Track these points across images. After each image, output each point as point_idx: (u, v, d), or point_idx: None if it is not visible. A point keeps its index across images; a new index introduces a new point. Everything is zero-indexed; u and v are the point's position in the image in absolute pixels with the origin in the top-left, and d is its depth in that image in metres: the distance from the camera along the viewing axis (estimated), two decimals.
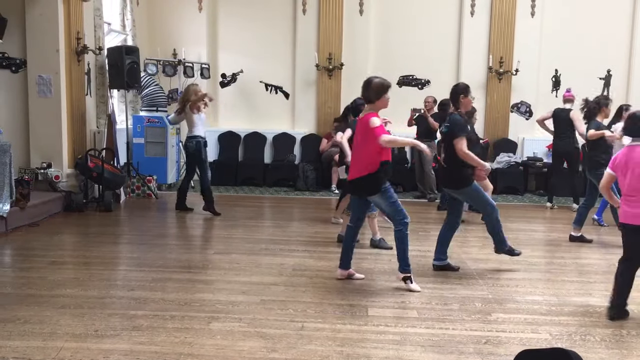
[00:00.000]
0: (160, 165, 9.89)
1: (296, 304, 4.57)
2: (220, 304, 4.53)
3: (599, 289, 5.17)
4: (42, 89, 8.24)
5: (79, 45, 8.54)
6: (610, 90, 10.87)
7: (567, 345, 3.85)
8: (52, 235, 6.75)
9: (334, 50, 10.98)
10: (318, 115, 11.24)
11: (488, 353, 3.73)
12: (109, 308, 4.39)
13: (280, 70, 11.23)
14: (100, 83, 9.35)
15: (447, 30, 11.11)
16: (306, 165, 10.54)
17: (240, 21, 11.27)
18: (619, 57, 10.95)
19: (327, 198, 9.89)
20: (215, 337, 3.88)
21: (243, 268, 5.57)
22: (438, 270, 5.57)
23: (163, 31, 11.20)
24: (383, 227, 6.83)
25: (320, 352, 3.69)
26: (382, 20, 11.16)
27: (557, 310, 4.58)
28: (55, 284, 4.93)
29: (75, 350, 3.62)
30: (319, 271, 5.49)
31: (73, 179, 8.53)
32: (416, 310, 4.48)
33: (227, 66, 11.17)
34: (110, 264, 5.69)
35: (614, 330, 4.19)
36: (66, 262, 5.77)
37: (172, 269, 5.45)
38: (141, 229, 7.42)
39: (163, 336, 3.87)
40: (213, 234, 7.28)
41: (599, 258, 6.15)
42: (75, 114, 8.62)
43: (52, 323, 4.05)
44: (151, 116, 10.01)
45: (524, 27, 10.86)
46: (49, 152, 8.33)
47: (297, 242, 6.66)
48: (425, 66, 11.02)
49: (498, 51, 10.85)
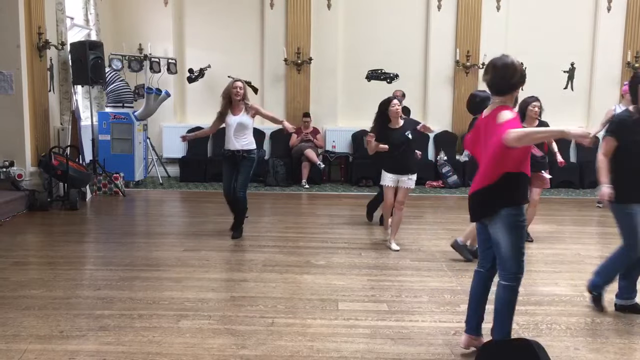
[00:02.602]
0: (127, 162, 9.73)
1: (266, 299, 4.55)
2: (189, 301, 4.48)
3: (564, 278, 5.27)
4: (2, 85, 8.03)
5: (41, 40, 8.33)
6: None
7: (533, 335, 3.92)
8: (15, 235, 6.59)
9: (303, 45, 10.94)
10: (287, 110, 11.19)
11: (457, 344, 3.76)
12: (74, 308, 4.30)
13: (249, 65, 11.14)
14: (63, 79, 9.15)
15: (415, 24, 11.18)
16: (276, 160, 10.50)
17: (207, 15, 11.14)
18: (583, 50, 11.17)
19: (298, 193, 9.87)
20: (184, 336, 3.84)
21: (213, 265, 5.53)
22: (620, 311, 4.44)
23: (128, 26, 11.01)
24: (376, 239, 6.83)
25: (290, 347, 3.68)
26: (350, 15, 11.16)
27: (524, 300, 4.64)
28: (19, 285, 4.81)
29: (40, 352, 3.54)
30: (289, 266, 5.47)
31: (37, 177, 8.34)
32: (386, 304, 4.50)
33: (194, 61, 11.04)
34: (76, 263, 5.58)
35: (579, 318, 4.27)
36: (30, 262, 5.64)
37: (140, 267, 5.37)
38: (108, 227, 7.30)
39: (131, 336, 3.81)
40: (182, 231, 7.20)
41: (564, 248, 6.27)
42: (38, 111, 8.42)
43: (15, 325, 3.95)
44: (117, 112, 9.85)
45: (490, 21, 10.99)
46: (11, 150, 8.12)
47: (267, 238, 6.63)
48: (394, 60, 11.06)
49: (465, 45, 10.97)
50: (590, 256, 6.04)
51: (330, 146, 11.09)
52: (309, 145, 10.48)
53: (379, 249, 6.12)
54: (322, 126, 11.14)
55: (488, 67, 3.39)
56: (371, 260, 5.70)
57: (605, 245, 6.61)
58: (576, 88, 11.27)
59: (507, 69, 3.31)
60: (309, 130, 10.74)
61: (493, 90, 3.41)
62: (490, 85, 3.40)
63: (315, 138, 10.71)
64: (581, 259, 5.91)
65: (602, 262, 4.53)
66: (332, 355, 3.59)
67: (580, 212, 8.57)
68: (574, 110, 11.02)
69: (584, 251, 6.24)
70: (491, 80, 3.37)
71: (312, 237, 6.66)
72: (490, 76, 3.37)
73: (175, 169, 11.00)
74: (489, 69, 3.38)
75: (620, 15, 11.03)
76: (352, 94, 11.18)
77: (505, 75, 3.32)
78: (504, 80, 3.33)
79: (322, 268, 5.44)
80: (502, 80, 3.34)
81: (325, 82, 11.16)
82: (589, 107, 11.33)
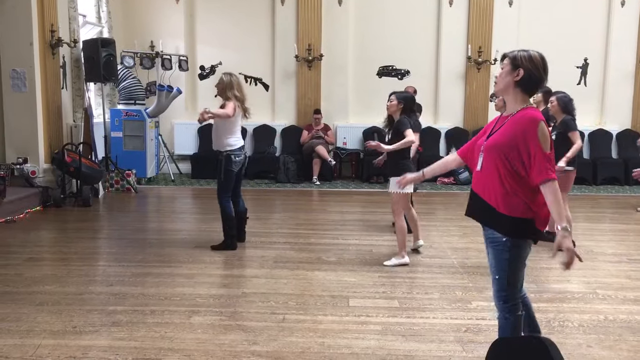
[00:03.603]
0: (139, 159, 9.78)
1: (277, 296, 4.56)
2: (200, 297, 4.50)
3: (576, 275, 5.23)
4: (16, 83, 8.10)
5: (54, 38, 8.39)
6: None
7: (545, 332, 3.90)
8: (28, 231, 6.65)
9: (314, 42, 10.93)
10: (298, 107, 11.20)
11: (468, 341, 3.76)
12: (87, 304, 4.33)
13: (260, 62, 11.15)
14: (76, 76, 9.21)
15: (426, 20, 11.12)
16: (287, 157, 10.50)
17: (218, 12, 11.16)
18: (596, 45, 11.07)
19: (309, 190, 9.88)
20: (196, 331, 3.85)
21: (224, 261, 5.55)
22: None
23: (140, 23, 11.06)
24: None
25: (301, 343, 3.69)
26: (361, 11, 11.13)
27: (536, 297, 4.62)
28: (33, 280, 4.86)
29: (53, 348, 3.57)
30: (300, 263, 5.48)
31: (50, 174, 8.41)
32: (397, 300, 4.50)
33: (205, 58, 11.06)
34: (89, 259, 5.62)
35: (591, 315, 4.24)
36: (44, 258, 5.70)
37: (152, 264, 5.40)
38: (120, 223, 7.34)
39: (143, 331, 3.84)
40: (194, 227, 7.23)
41: (576, 245, 6.21)
42: (51, 108, 8.48)
43: (29, 320, 3.99)
44: (129, 109, 9.90)
45: (503, 17, 10.92)
46: (25, 148, 8.21)
47: (278, 234, 6.64)
48: (405, 56, 11.02)
49: (477, 41, 10.90)
50: (603, 253, 6.00)
51: (341, 143, 11.08)
52: (320, 142, 10.48)
53: (389, 246, 6.11)
54: (333, 123, 11.14)
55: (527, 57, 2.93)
56: (382, 257, 5.68)
57: (619, 242, 6.58)
58: (589, 84, 11.17)
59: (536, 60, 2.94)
60: (320, 126, 10.73)
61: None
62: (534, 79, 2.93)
63: (326, 135, 10.71)
64: (594, 256, 5.87)
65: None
66: (343, 351, 3.59)
67: (593, 209, 8.51)
68: (587, 106, 10.89)
69: (597, 248, 6.20)
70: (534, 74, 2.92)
71: (323, 234, 6.67)
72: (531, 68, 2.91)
73: (186, 165, 11.04)
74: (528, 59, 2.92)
75: (634, 10, 10.92)
76: (363, 91, 11.16)
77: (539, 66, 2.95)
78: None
79: (333, 265, 5.45)
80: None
81: (336, 78, 11.15)
82: (602, 103, 11.24)
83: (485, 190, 2.95)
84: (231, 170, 5.83)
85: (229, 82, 5.86)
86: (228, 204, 5.90)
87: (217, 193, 5.92)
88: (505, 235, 2.89)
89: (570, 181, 6.11)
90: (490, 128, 3.06)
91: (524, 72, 2.88)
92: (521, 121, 2.86)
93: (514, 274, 2.94)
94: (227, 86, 5.84)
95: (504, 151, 2.86)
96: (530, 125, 2.82)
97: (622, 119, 11.18)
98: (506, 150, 2.86)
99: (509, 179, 2.86)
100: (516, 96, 2.94)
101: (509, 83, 2.92)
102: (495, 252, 2.95)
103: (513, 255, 2.90)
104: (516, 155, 2.83)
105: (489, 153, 2.94)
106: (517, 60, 2.92)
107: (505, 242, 2.89)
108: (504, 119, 2.99)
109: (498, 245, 2.92)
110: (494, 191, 2.91)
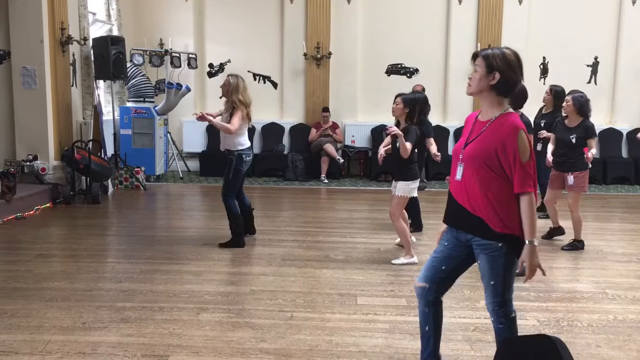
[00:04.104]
0: (148, 156, 9.82)
1: (285, 293, 4.56)
2: (209, 294, 4.51)
3: (586, 275, 5.22)
4: (26, 80, 8.14)
5: (64, 35, 8.43)
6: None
7: (554, 331, 3.88)
8: (38, 228, 6.70)
9: (322, 40, 10.92)
10: (307, 105, 11.19)
11: (476, 340, 3.75)
12: (96, 300, 4.36)
13: (269, 60, 11.16)
14: (85, 74, 9.26)
15: (435, 18, 11.08)
16: (295, 155, 10.51)
17: (227, 10, 11.18)
18: (607, 44, 10.99)
19: (317, 188, 9.88)
20: (204, 328, 3.87)
21: (232, 259, 5.56)
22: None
23: (149, 21, 11.09)
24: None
25: (309, 341, 3.69)
26: (370, 9, 11.10)
27: (545, 296, 4.61)
28: (42, 276, 4.89)
29: (63, 343, 3.59)
30: (308, 261, 5.48)
31: (60, 171, 8.46)
32: (405, 299, 4.49)
33: (214, 56, 11.09)
34: (98, 256, 5.66)
35: (601, 315, 4.22)
36: (53, 254, 5.73)
37: (161, 261, 5.42)
38: (129, 220, 7.38)
39: (151, 328, 3.86)
40: (202, 224, 7.25)
41: (586, 244, 6.17)
42: (61, 106, 8.53)
43: (39, 316, 4.02)
44: (138, 107, 9.94)
45: (512, 14, 10.85)
46: (35, 144, 8.25)
47: (286, 232, 6.65)
48: (414, 54, 11.00)
49: (486, 39, 10.83)
50: (613, 253, 5.97)
51: (350, 141, 11.07)
52: (328, 140, 10.47)
53: (400, 245, 6.10)
54: (341, 121, 11.13)
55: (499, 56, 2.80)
56: (390, 255, 5.68)
57: (629, 242, 6.54)
58: (600, 82, 11.09)
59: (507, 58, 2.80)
60: (328, 125, 10.73)
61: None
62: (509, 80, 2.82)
63: (335, 133, 10.70)
64: (603, 256, 5.84)
65: None
66: (350, 349, 3.59)
67: (603, 208, 8.46)
68: (598, 105, 10.74)
69: (607, 248, 6.16)
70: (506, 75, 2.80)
71: (331, 232, 6.67)
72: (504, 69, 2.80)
73: (195, 163, 11.07)
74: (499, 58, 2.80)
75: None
76: (372, 89, 11.14)
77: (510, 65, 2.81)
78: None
79: (341, 263, 5.45)
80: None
81: (345, 76, 11.14)
82: (613, 101, 11.16)
83: (471, 200, 2.84)
84: (241, 170, 5.86)
85: (235, 85, 5.80)
86: (233, 202, 5.92)
87: (223, 192, 5.91)
88: (501, 241, 2.80)
89: (587, 181, 6.06)
90: (468, 131, 2.92)
91: (500, 76, 2.74)
92: (501, 129, 2.74)
93: (510, 278, 2.87)
94: (232, 89, 5.80)
95: (485, 160, 2.76)
96: (510, 134, 2.70)
97: (632, 118, 11.09)
98: (487, 159, 2.76)
99: (492, 188, 2.76)
100: (492, 100, 2.80)
101: (483, 87, 2.78)
102: (490, 258, 2.84)
103: (509, 260, 2.83)
104: (497, 163, 2.74)
105: (469, 163, 2.82)
106: (492, 62, 2.75)
107: (501, 247, 2.81)
108: (481, 124, 2.84)
109: (494, 252, 2.82)
110: (477, 201, 2.81)
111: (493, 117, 2.80)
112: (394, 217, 5.44)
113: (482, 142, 2.79)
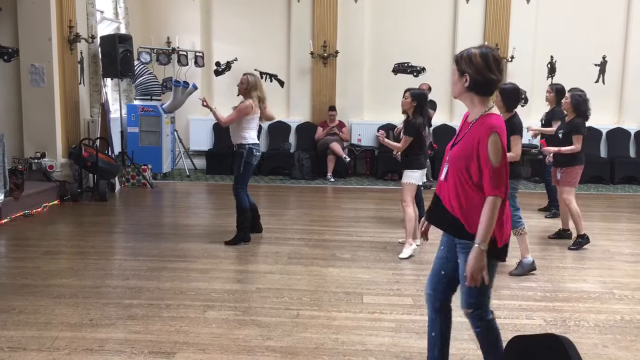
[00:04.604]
0: (155, 154, 9.86)
1: (291, 292, 4.57)
2: (215, 292, 4.53)
3: (593, 275, 5.20)
4: (34, 78, 8.18)
5: (72, 33, 8.47)
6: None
7: (561, 331, 3.87)
8: (46, 225, 6.73)
9: (329, 38, 10.92)
10: (313, 104, 11.20)
11: None
12: (104, 297, 4.38)
13: (275, 58, 11.16)
14: (93, 72, 9.29)
15: (442, 16, 11.06)
16: (301, 153, 10.51)
17: (234, 9, 11.19)
18: (615, 43, 10.93)
19: (323, 186, 9.88)
20: (210, 326, 3.88)
21: (238, 256, 5.58)
22: None
23: (156, 19, 11.13)
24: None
25: (315, 339, 3.70)
26: (376, 7, 11.09)
27: (552, 296, 4.60)
28: (50, 273, 4.92)
29: (70, 340, 3.61)
30: (314, 259, 5.49)
31: (67, 169, 8.50)
32: (411, 298, 4.49)
33: (221, 54, 11.10)
34: (105, 253, 5.69)
35: (608, 315, 4.21)
36: (61, 251, 5.76)
37: (168, 258, 5.44)
38: (136, 218, 7.41)
39: (158, 325, 3.87)
40: (209, 222, 7.27)
41: (593, 244, 6.15)
42: (69, 103, 8.57)
43: (46, 313, 4.04)
44: (145, 105, 9.97)
45: (520, 13, 10.82)
46: (43, 142, 8.30)
47: (293, 231, 6.65)
48: (421, 53, 10.95)
49: (493, 38, 10.81)
50: (620, 253, 5.94)
51: (356, 139, 11.07)
52: (335, 139, 10.47)
53: (404, 243, 6.09)
54: (347, 119, 11.12)
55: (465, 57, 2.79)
56: (396, 254, 5.68)
57: (636, 242, 6.50)
58: (608, 82, 11.02)
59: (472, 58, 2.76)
60: (335, 123, 10.73)
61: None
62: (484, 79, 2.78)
63: (341, 131, 10.70)
64: (610, 256, 5.82)
65: None
66: (356, 348, 3.60)
67: (610, 208, 8.42)
68: (606, 105, 10.77)
69: (614, 248, 6.14)
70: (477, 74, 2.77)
71: (337, 231, 6.67)
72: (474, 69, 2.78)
73: (201, 161, 11.10)
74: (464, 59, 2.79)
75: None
76: (378, 88, 11.13)
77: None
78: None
79: (347, 261, 5.45)
80: None
81: (351, 75, 11.13)
82: (621, 101, 11.10)
83: (451, 201, 2.81)
84: (251, 163, 5.97)
85: (254, 83, 6.01)
86: (244, 195, 6.01)
87: (234, 186, 6.02)
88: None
89: (577, 177, 6.04)
90: (458, 131, 2.90)
91: (470, 77, 2.72)
92: (478, 130, 2.71)
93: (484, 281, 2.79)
94: (252, 87, 5.97)
95: (465, 162, 2.73)
96: (484, 134, 2.67)
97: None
98: (467, 161, 2.72)
99: (468, 191, 2.73)
100: (472, 100, 2.78)
101: (460, 90, 2.77)
102: (467, 258, 2.76)
103: (489, 262, 2.74)
104: (476, 164, 2.70)
105: (453, 164, 2.80)
106: (460, 65, 2.75)
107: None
108: (467, 126, 2.82)
109: (469, 252, 2.74)
110: (456, 202, 2.78)
111: (474, 118, 2.79)
112: (405, 203, 5.64)
113: (464, 144, 2.77)
